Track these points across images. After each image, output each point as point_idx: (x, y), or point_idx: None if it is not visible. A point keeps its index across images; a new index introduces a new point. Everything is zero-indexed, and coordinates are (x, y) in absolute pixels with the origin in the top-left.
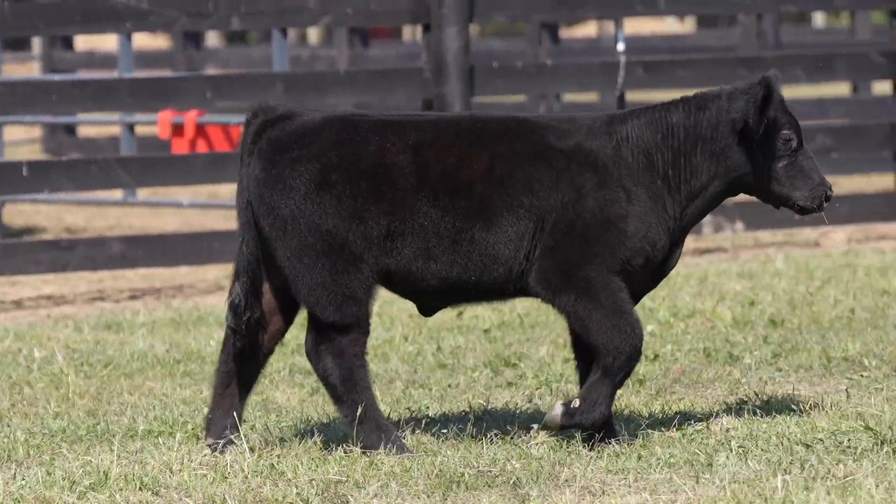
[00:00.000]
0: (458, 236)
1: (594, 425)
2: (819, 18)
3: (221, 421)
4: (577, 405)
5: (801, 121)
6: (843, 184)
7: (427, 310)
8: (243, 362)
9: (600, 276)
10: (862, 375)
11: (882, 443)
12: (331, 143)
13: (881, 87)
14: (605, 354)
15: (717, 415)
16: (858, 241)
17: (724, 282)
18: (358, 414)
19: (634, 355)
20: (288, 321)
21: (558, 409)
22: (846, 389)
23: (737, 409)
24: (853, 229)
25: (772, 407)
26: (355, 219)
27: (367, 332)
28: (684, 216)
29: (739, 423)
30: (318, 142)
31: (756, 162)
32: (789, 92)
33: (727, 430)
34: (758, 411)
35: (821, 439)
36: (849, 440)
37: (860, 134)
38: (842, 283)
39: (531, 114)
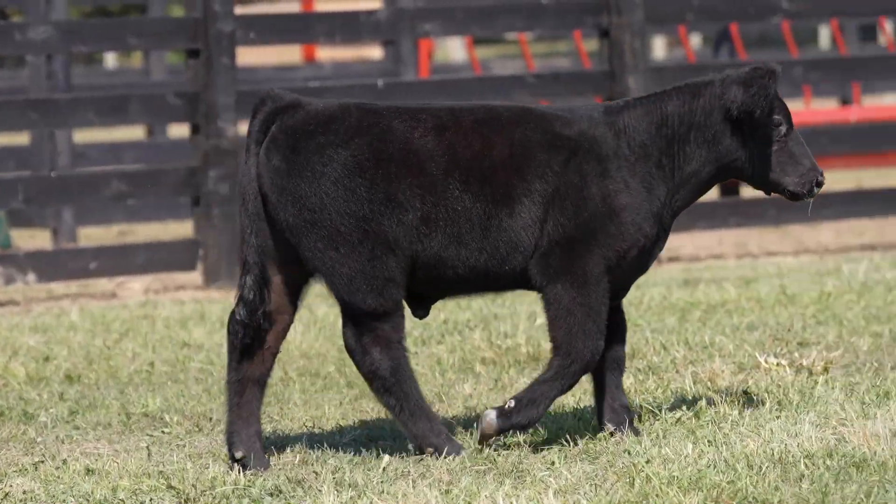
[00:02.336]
0: (488, 221)
1: (529, 424)
2: (111, 59)
3: (246, 431)
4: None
5: (93, 166)
6: (141, 231)
7: (425, 307)
8: (252, 367)
9: (597, 271)
10: (163, 431)
11: (186, 501)
12: (356, 127)
13: (177, 130)
14: (563, 355)
15: (8, 476)
16: (156, 292)
17: (16, 336)
18: (411, 406)
19: (591, 364)
20: (292, 318)
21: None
22: (147, 447)
23: (33, 469)
24: (151, 279)
25: (69, 467)
26: (390, 203)
27: (404, 317)
28: (675, 202)
29: (36, 485)
30: (343, 127)
31: (748, 148)
32: (82, 136)
33: (24, 492)
34: (55, 471)
35: (122, 499)
36: (151, 499)
37: (156, 179)
38: (140, 336)
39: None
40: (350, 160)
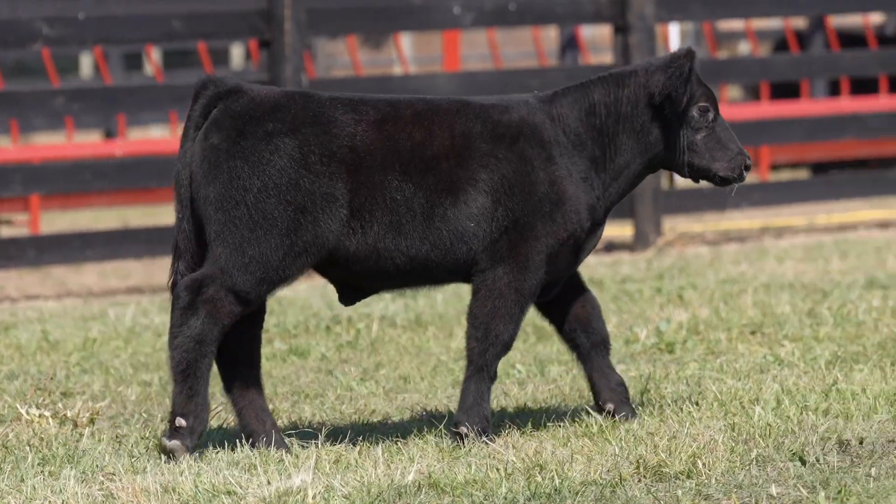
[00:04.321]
0: (431, 211)
1: (486, 427)
2: None
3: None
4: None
5: None
6: None
7: (352, 297)
8: (242, 353)
9: (538, 259)
10: None
11: None
12: (303, 118)
13: None
14: (480, 338)
15: None
16: None
17: None
18: (189, 388)
19: (507, 348)
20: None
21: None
22: None
23: None
24: None
25: None
26: (328, 197)
27: (241, 317)
28: (608, 196)
29: None
30: (290, 116)
31: (675, 136)
32: None
33: None
34: None
35: None
36: None
37: None
38: None
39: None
40: (297, 151)
